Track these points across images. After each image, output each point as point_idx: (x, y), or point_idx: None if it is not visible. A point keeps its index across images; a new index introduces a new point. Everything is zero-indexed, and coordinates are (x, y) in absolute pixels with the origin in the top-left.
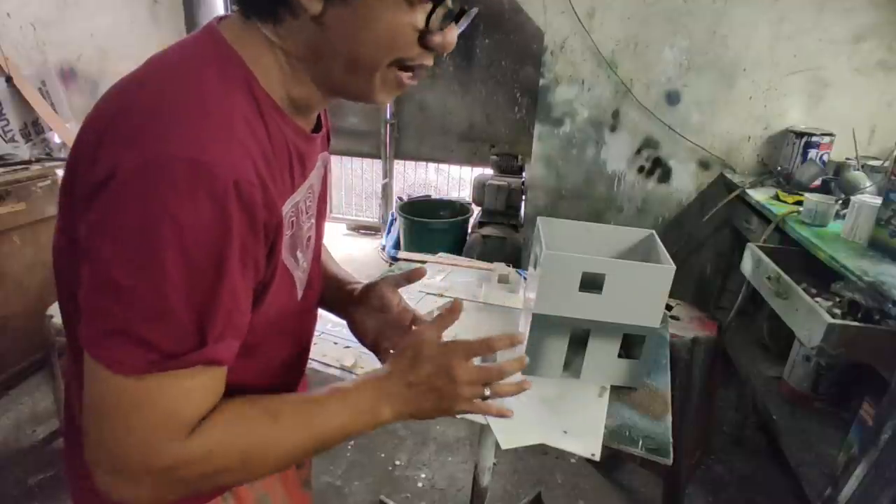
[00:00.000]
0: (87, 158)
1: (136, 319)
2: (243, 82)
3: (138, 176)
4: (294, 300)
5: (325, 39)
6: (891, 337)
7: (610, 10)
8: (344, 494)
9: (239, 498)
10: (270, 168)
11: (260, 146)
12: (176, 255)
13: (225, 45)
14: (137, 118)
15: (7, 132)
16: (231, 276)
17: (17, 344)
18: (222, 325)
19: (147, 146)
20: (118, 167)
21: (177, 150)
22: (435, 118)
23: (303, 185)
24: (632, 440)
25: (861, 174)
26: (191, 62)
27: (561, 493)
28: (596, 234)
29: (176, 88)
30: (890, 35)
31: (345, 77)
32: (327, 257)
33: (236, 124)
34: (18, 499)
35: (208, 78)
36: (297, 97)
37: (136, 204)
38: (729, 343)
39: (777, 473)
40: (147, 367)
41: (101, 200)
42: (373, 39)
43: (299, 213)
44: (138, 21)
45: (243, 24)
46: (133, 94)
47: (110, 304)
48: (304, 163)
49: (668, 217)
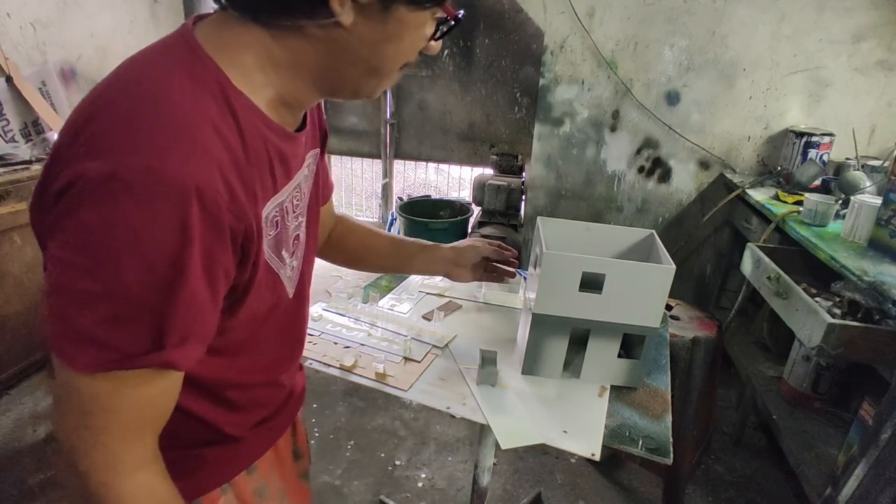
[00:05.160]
0: (59, 166)
1: (91, 322)
2: (214, 85)
3: (96, 184)
4: (285, 298)
5: (348, 47)
6: (891, 337)
7: (610, 9)
8: (343, 494)
9: (237, 488)
10: (242, 173)
11: (229, 152)
12: (132, 260)
13: (196, 48)
14: (99, 126)
15: (7, 132)
16: (192, 282)
17: (18, 344)
18: (182, 329)
19: (106, 155)
20: (79, 175)
21: (135, 158)
22: (435, 118)
23: (287, 186)
24: (632, 440)
25: (861, 174)
26: (158, 67)
27: (561, 493)
28: (596, 234)
29: (141, 96)
30: (890, 35)
31: (358, 81)
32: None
33: (201, 131)
34: (18, 499)
35: (175, 84)
36: (288, 97)
37: (93, 211)
38: (729, 343)
39: (777, 473)
40: (98, 365)
41: (59, 207)
42: (397, 51)
43: (284, 214)
44: (138, 21)
45: (224, 24)
46: (100, 101)
47: (66, 307)
48: (287, 163)
49: (668, 217)
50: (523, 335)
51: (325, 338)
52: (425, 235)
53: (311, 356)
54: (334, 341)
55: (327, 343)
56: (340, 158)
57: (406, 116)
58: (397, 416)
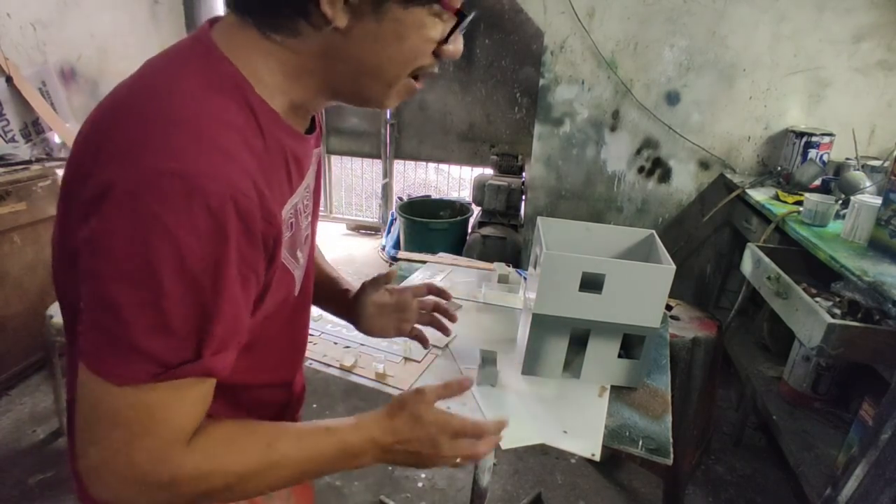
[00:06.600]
0: (84, 172)
1: (135, 334)
2: (237, 92)
3: (132, 193)
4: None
5: (347, 51)
6: (891, 337)
7: (610, 10)
8: (344, 495)
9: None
10: (268, 178)
11: (256, 158)
12: (173, 269)
13: (217, 54)
14: (127, 134)
15: (7, 132)
16: (230, 289)
17: (18, 344)
18: (221, 337)
19: (141, 164)
20: (112, 184)
21: (169, 165)
22: (435, 118)
23: (300, 186)
24: (632, 440)
25: (861, 174)
26: (183, 74)
27: (561, 493)
28: (596, 234)
29: (167, 104)
30: (890, 35)
31: (362, 86)
32: (319, 256)
33: (230, 139)
34: (18, 499)
35: (199, 91)
36: (298, 102)
37: (131, 221)
38: (729, 343)
39: (777, 473)
40: (145, 377)
41: (96, 218)
42: (398, 53)
43: (298, 214)
44: (138, 21)
45: (239, 28)
46: (123, 109)
47: (108, 321)
48: (300, 164)
49: (668, 217)
50: (523, 335)
51: (326, 338)
52: (425, 235)
53: (311, 356)
54: (334, 341)
55: (327, 343)
56: (340, 158)
57: (406, 116)
58: None
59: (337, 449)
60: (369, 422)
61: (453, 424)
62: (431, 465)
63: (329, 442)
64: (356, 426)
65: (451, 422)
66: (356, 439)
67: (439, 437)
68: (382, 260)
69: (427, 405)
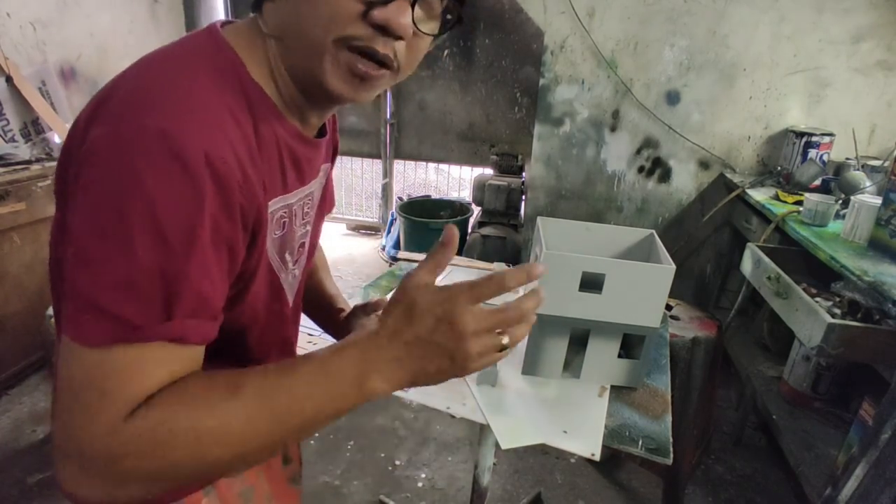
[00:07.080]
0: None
1: (104, 289)
2: (234, 79)
3: (109, 146)
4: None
5: (280, 19)
6: (891, 337)
7: (610, 9)
8: (343, 495)
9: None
10: (254, 160)
11: (244, 139)
12: (143, 224)
13: (221, 42)
14: (118, 98)
15: (7, 132)
16: (201, 251)
17: (17, 344)
18: (192, 301)
19: (119, 119)
20: (98, 139)
21: (149, 121)
22: (435, 118)
23: (300, 190)
24: (632, 440)
25: (861, 174)
26: (182, 56)
27: (561, 493)
28: (596, 234)
29: (164, 79)
30: (889, 35)
31: (299, 60)
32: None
33: (218, 112)
34: (18, 499)
35: (197, 72)
36: (286, 94)
37: (107, 173)
38: (729, 343)
39: (777, 473)
40: (111, 336)
41: (78, 175)
42: (313, 14)
43: (293, 216)
44: (138, 21)
45: (247, 24)
46: (120, 82)
47: (82, 276)
48: (300, 166)
49: (668, 217)
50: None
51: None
52: (425, 235)
53: None
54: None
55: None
56: (340, 158)
57: (406, 116)
58: (397, 416)
59: (325, 381)
60: (356, 335)
61: (462, 288)
62: (467, 357)
63: (311, 376)
64: (341, 346)
65: (459, 287)
66: (346, 362)
67: (454, 312)
68: (382, 260)
69: (420, 288)
